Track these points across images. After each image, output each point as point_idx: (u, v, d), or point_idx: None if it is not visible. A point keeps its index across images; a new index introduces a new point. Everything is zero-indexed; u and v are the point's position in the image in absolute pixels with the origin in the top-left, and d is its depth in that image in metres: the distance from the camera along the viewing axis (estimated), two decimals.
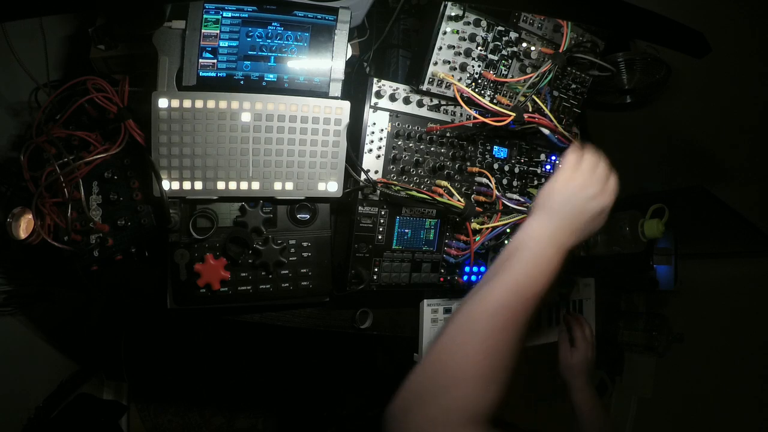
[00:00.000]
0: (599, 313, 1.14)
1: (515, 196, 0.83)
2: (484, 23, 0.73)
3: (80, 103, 0.66)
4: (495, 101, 0.81)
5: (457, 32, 0.72)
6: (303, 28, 0.66)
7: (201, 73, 0.64)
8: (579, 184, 0.60)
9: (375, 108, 0.75)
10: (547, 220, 0.59)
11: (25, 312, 1.11)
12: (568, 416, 0.98)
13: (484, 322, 0.51)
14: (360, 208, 0.77)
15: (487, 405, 0.47)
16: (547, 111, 0.76)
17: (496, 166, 0.88)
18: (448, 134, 0.82)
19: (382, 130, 0.76)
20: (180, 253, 0.67)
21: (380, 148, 0.76)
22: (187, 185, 0.66)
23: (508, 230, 0.91)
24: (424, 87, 0.75)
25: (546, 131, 0.80)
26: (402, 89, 0.76)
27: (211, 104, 0.65)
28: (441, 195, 0.75)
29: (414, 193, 0.74)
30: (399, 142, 0.78)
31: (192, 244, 0.68)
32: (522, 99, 0.77)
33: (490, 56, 0.77)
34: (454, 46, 0.73)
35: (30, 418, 1.14)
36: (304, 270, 0.75)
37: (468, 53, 0.74)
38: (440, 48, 0.72)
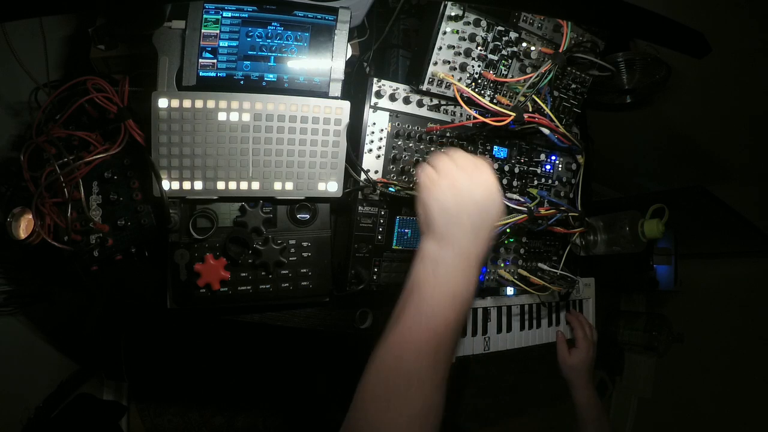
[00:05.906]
0: (599, 313, 1.14)
1: (515, 196, 0.83)
2: (484, 23, 0.73)
3: (80, 103, 0.66)
4: (495, 101, 0.81)
5: (457, 32, 0.72)
6: (303, 28, 0.66)
7: (201, 73, 0.64)
8: (448, 186, 0.55)
9: (375, 108, 0.75)
10: (436, 246, 0.53)
11: (25, 312, 1.11)
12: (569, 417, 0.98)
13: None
14: (360, 208, 0.77)
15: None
16: (547, 111, 0.76)
17: (496, 166, 0.88)
18: (448, 134, 0.82)
19: (382, 130, 0.76)
20: (180, 253, 0.67)
21: (380, 148, 0.76)
22: (187, 185, 0.66)
23: (507, 230, 0.91)
24: (424, 87, 0.75)
25: (546, 131, 0.81)
26: (402, 89, 0.76)
27: (211, 104, 0.65)
28: None
29: (414, 193, 0.74)
30: (399, 142, 0.78)
31: (192, 244, 0.68)
32: (522, 99, 0.77)
33: (490, 56, 0.77)
34: (454, 46, 0.73)
35: (30, 418, 1.14)
36: (304, 270, 0.75)
37: (468, 53, 0.74)
38: (440, 48, 0.72)
